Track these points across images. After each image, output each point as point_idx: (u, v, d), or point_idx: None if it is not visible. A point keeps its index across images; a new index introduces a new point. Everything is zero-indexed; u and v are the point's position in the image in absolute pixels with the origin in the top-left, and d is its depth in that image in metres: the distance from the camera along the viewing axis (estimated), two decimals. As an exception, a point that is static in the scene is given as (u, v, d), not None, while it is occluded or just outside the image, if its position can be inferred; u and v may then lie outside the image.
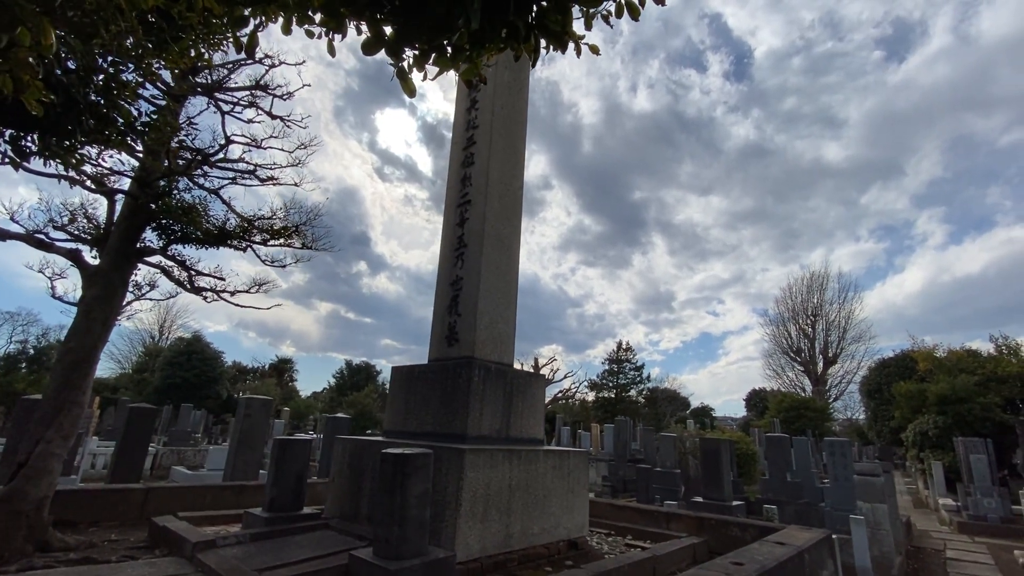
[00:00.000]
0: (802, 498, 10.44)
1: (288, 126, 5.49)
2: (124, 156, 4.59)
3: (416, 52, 1.44)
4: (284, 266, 5.79)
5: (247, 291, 5.82)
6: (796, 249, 77.03)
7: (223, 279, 5.28)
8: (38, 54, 1.65)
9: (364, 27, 1.43)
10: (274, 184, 5.47)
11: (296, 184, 5.70)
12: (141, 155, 4.07)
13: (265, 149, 5.02)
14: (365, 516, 4.58)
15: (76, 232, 5.07)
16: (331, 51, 1.67)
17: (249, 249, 5.39)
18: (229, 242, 5.01)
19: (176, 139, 4.20)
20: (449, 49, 1.41)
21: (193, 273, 5.13)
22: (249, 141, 4.76)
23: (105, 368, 34.97)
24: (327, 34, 1.49)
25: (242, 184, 5.29)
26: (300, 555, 3.86)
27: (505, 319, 5.48)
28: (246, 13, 1.50)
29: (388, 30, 1.46)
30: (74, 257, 4.49)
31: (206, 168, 4.98)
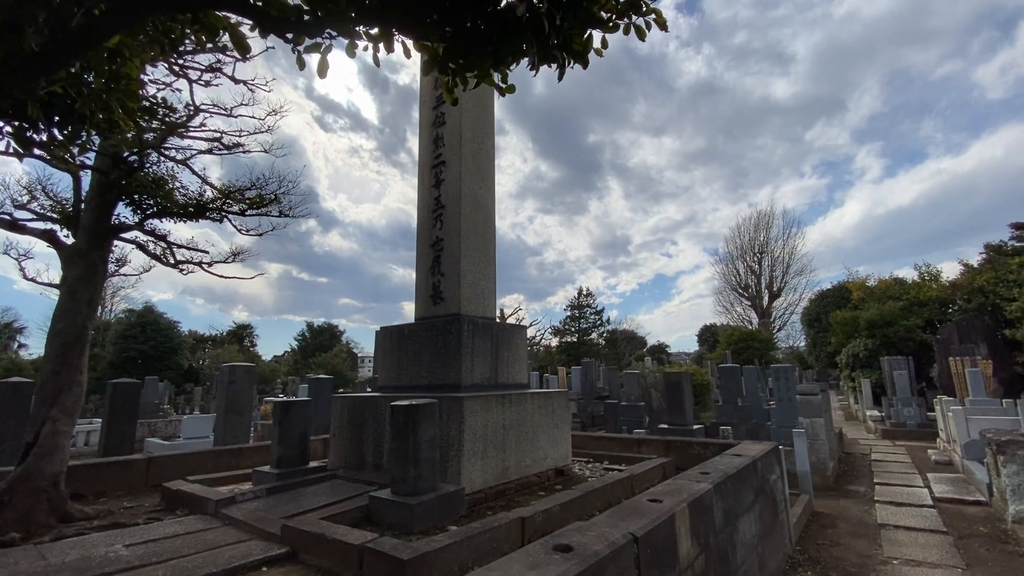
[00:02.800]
0: (752, 419, 11.62)
1: (251, 90, 5.36)
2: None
3: (454, 66, 1.64)
4: (261, 235, 5.81)
5: (225, 262, 5.83)
6: (745, 188, 79.82)
7: (206, 252, 5.29)
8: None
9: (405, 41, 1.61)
10: (244, 152, 5.40)
11: (266, 151, 5.64)
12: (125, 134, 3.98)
13: (236, 118, 4.93)
14: (371, 465, 4.96)
15: (40, 211, 4.93)
16: (376, 63, 1.84)
17: (225, 220, 5.38)
18: (207, 214, 5.00)
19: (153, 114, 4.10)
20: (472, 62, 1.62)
21: (173, 246, 5.11)
22: (220, 109, 4.66)
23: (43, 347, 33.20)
24: (374, 48, 1.66)
25: (211, 153, 5.21)
26: (318, 502, 4.22)
27: (486, 276, 5.78)
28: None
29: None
30: (49, 237, 4.41)
31: (174, 139, 4.88)
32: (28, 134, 2.40)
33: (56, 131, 2.28)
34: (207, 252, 5.30)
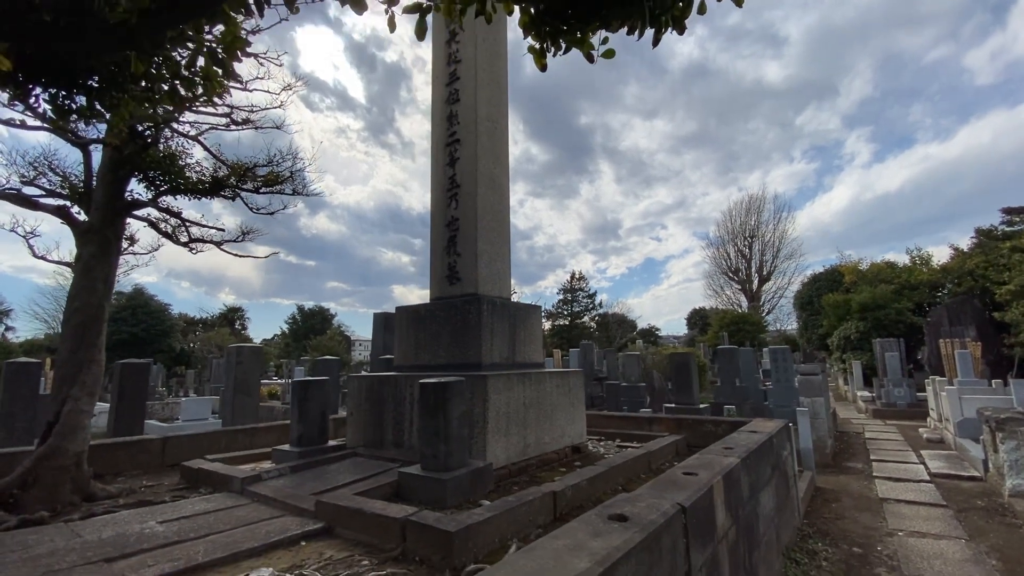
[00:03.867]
0: (749, 399, 11.82)
1: (262, 63, 5.22)
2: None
3: (549, 29, 1.60)
4: (272, 213, 5.72)
5: (235, 241, 5.75)
6: (735, 172, 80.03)
7: (222, 229, 5.20)
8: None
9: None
10: (256, 128, 5.29)
11: (278, 127, 5.52)
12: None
13: (251, 91, 4.80)
14: (390, 443, 4.99)
15: (49, 187, 4.80)
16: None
17: (237, 198, 5.29)
18: (221, 192, 4.91)
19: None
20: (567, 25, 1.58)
21: (188, 224, 5.01)
22: (236, 85, 4.53)
23: (32, 328, 32.69)
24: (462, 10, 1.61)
25: (222, 129, 5.10)
26: (343, 479, 4.25)
27: (502, 257, 5.76)
28: None
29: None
30: (63, 214, 4.30)
31: (186, 114, 4.75)
32: (65, 103, 2.33)
33: (105, 97, 2.20)
34: (223, 229, 5.22)
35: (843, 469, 8.35)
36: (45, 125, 4.26)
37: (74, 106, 2.36)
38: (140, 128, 4.14)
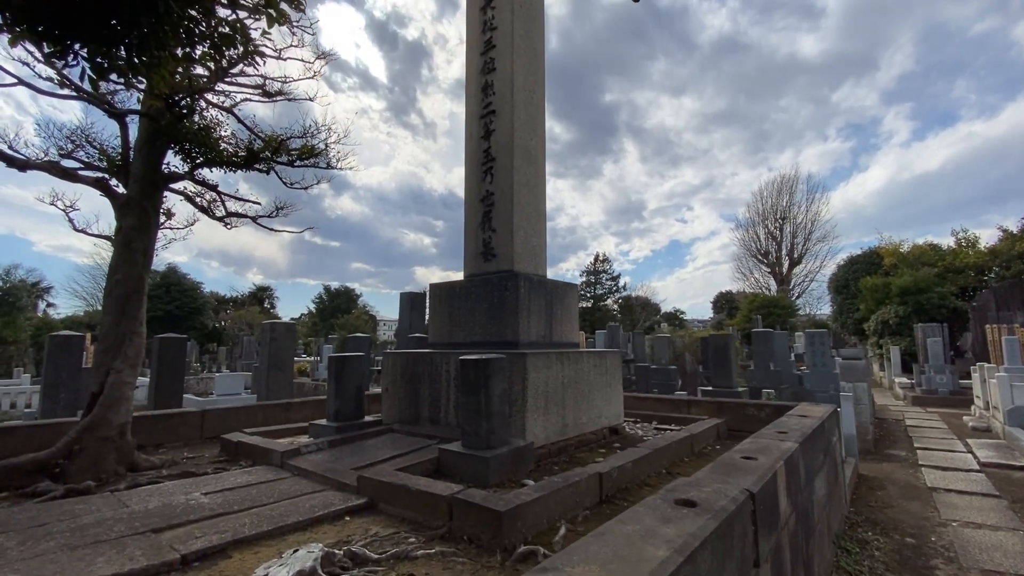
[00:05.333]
0: (783, 384, 11.50)
1: (293, 32, 5.08)
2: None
3: None
4: (306, 188, 5.64)
5: (269, 216, 5.70)
6: (766, 151, 77.42)
7: (258, 203, 5.15)
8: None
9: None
10: (290, 100, 5.18)
11: (311, 99, 5.40)
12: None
13: (285, 60, 4.68)
14: (426, 419, 4.94)
15: (88, 160, 4.79)
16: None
17: (272, 172, 5.21)
18: (256, 164, 4.84)
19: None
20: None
21: (223, 196, 4.97)
22: (271, 52, 4.41)
23: (71, 306, 33.94)
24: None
25: (256, 101, 5.00)
26: (382, 455, 4.21)
27: (537, 233, 5.59)
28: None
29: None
30: (102, 186, 4.28)
31: (222, 85, 4.66)
32: (104, 60, 2.22)
33: (143, 54, 2.09)
34: (259, 203, 5.17)
35: (885, 456, 8.06)
36: (81, 95, 4.23)
37: (115, 64, 2.25)
38: (176, 98, 4.06)
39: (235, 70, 4.41)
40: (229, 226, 5.55)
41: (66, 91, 4.12)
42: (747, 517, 2.21)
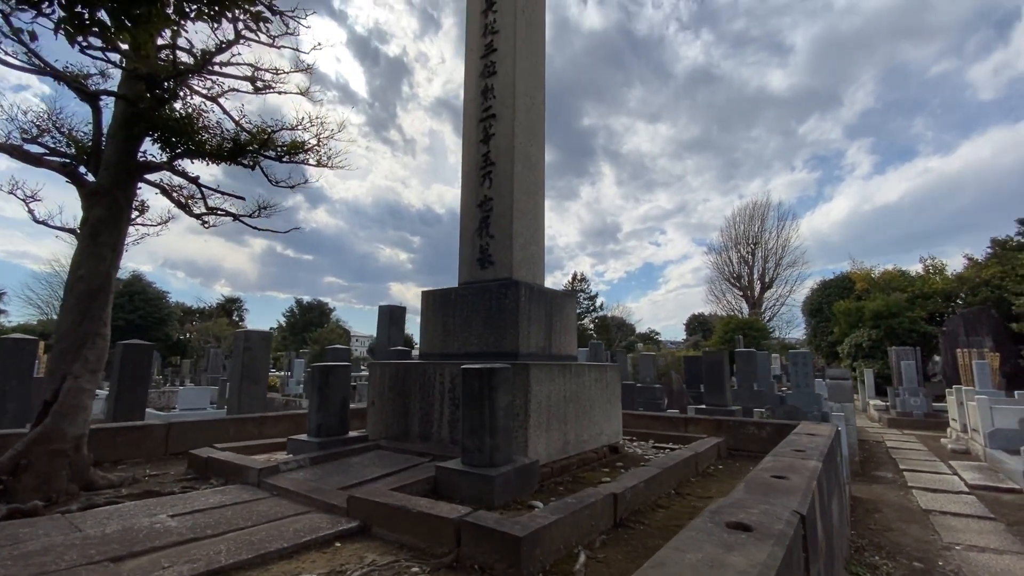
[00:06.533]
0: (766, 403, 11.47)
1: (286, 23, 4.83)
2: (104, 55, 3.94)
3: None
4: (292, 187, 5.32)
5: (250, 215, 5.35)
6: (737, 179, 79.91)
7: (242, 198, 4.80)
8: None
9: None
10: (279, 93, 4.90)
11: (302, 93, 5.14)
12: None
13: (279, 48, 4.41)
14: (416, 435, 4.60)
15: (54, 145, 4.40)
16: None
17: (257, 167, 4.89)
18: (240, 159, 4.52)
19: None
20: None
21: (205, 191, 4.61)
22: (262, 40, 4.13)
23: (24, 314, 32.06)
24: None
25: (244, 92, 4.71)
26: (371, 473, 3.86)
27: (536, 241, 5.39)
28: None
29: None
30: (69, 172, 3.90)
31: (205, 72, 4.36)
32: (84, 10, 1.94)
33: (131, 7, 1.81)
34: (243, 199, 4.82)
35: (873, 478, 8.01)
36: (47, 70, 3.87)
37: (95, 17, 1.97)
38: (159, 78, 3.74)
39: (224, 56, 4.12)
40: (207, 224, 5.18)
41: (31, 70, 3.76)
42: (799, 542, 1.99)
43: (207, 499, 3.37)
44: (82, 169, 4.17)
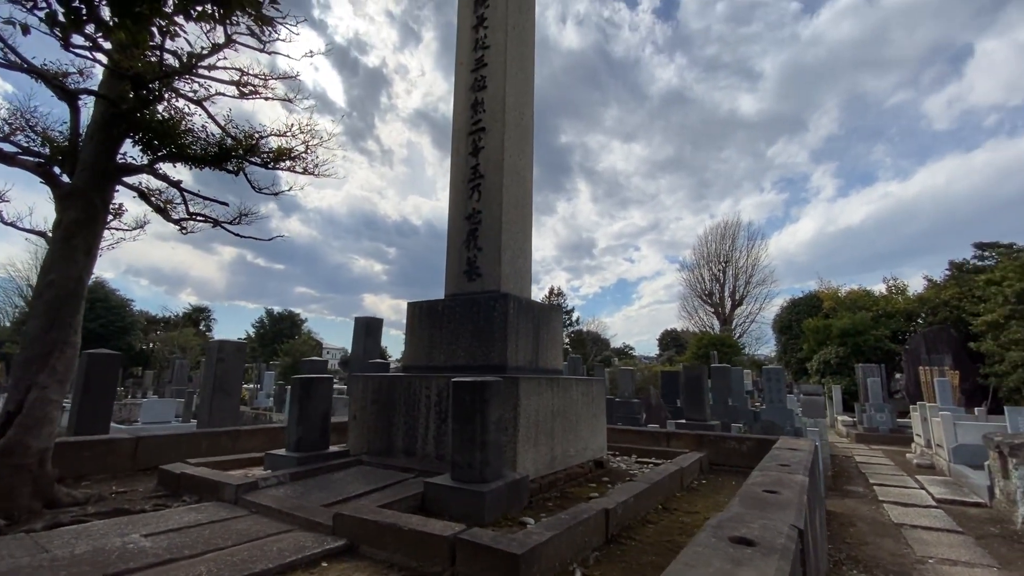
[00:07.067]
0: (741, 418, 11.67)
1: (274, 28, 4.77)
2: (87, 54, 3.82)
3: None
4: (276, 194, 5.22)
5: (231, 222, 5.22)
6: (708, 199, 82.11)
7: (226, 203, 4.67)
8: None
9: None
10: (265, 99, 4.83)
11: (288, 100, 5.07)
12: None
13: (271, 54, 4.35)
14: (400, 450, 4.51)
15: (27, 144, 4.22)
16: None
17: (241, 172, 4.79)
18: (226, 163, 4.41)
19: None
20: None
21: (187, 195, 4.47)
22: (252, 45, 4.06)
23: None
24: None
25: (231, 97, 4.62)
26: (355, 490, 3.75)
27: (524, 254, 5.41)
28: None
29: None
30: (43, 172, 3.73)
31: (190, 76, 4.26)
32: (81, 6, 1.88)
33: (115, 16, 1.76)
34: (227, 204, 4.69)
35: (845, 493, 8.18)
36: (24, 68, 3.72)
37: (94, 12, 1.91)
38: (145, 78, 3.63)
39: (212, 59, 4.04)
40: (185, 231, 5.02)
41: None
42: (797, 556, 2.01)
43: (182, 517, 3.21)
44: (56, 170, 4.01)
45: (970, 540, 5.70)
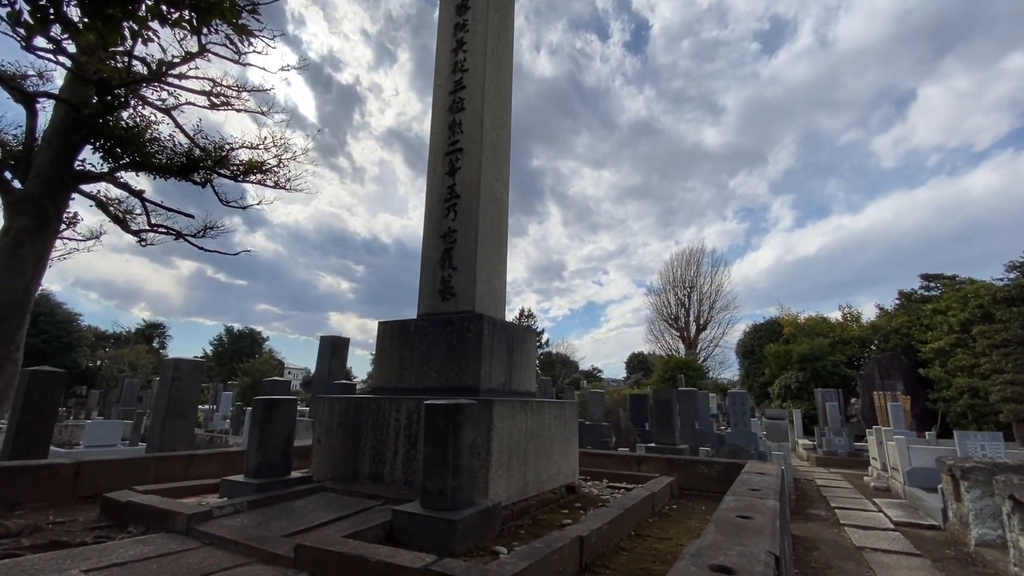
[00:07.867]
0: (707, 442, 11.80)
1: (249, 40, 4.72)
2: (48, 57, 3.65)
3: None
4: (244, 207, 5.08)
5: (193, 235, 5.04)
6: (674, 226, 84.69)
7: (191, 215, 4.49)
8: None
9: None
10: (239, 111, 4.72)
11: (263, 112, 4.98)
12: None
13: (246, 66, 4.27)
14: (367, 476, 4.34)
15: (-26, 148, 3.98)
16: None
17: (208, 184, 4.64)
18: (192, 174, 4.26)
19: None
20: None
21: (149, 206, 4.28)
22: (231, 51, 3.99)
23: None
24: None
25: (201, 107, 4.50)
26: (318, 518, 3.57)
27: (499, 275, 5.39)
28: None
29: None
30: (-8, 178, 3.52)
31: (159, 83, 4.14)
32: (47, 5, 1.79)
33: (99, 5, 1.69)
34: (192, 216, 4.51)
35: (808, 516, 8.32)
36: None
37: (60, 12, 1.81)
38: (111, 83, 3.50)
39: (185, 67, 3.93)
40: (144, 243, 4.81)
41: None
42: (777, 584, 2.00)
43: (127, 550, 2.97)
44: (8, 175, 3.79)
45: (927, 563, 5.85)
